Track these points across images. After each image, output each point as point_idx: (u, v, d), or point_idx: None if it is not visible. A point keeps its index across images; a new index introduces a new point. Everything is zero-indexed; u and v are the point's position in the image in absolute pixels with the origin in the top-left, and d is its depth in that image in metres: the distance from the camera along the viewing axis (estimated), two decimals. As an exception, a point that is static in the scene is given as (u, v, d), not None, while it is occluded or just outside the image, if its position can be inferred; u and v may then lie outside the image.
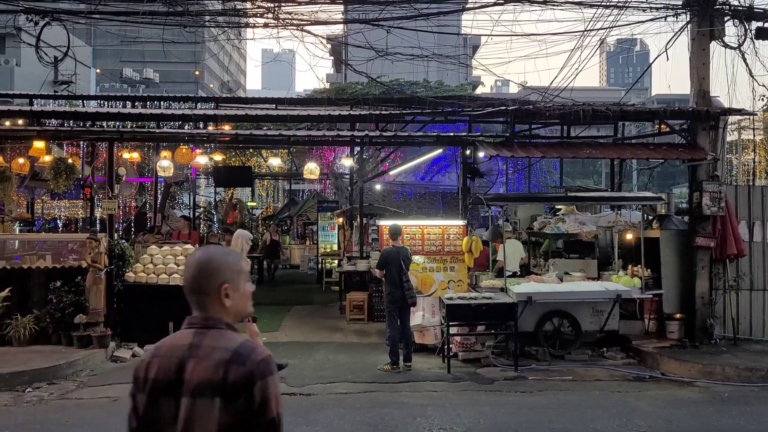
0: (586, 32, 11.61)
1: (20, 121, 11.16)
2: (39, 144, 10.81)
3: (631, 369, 8.96)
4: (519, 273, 11.19)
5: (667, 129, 11.57)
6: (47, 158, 11.16)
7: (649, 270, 10.02)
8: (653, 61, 12.16)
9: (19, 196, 13.86)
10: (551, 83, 12.78)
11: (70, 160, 11.19)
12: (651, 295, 9.95)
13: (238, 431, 1.93)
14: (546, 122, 13.11)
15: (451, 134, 11.82)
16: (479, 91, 40.32)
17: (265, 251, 19.87)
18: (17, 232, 11.86)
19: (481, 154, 11.05)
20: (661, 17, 10.38)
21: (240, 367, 1.97)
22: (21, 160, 11.34)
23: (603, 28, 11.50)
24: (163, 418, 1.96)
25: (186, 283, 2.12)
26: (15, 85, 41.39)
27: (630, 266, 10.27)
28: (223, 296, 2.10)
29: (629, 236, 10.96)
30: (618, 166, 13.25)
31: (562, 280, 10.17)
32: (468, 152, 11.11)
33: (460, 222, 10.80)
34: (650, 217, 11.21)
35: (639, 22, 11.05)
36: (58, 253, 10.86)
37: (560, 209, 12.46)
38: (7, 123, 11.22)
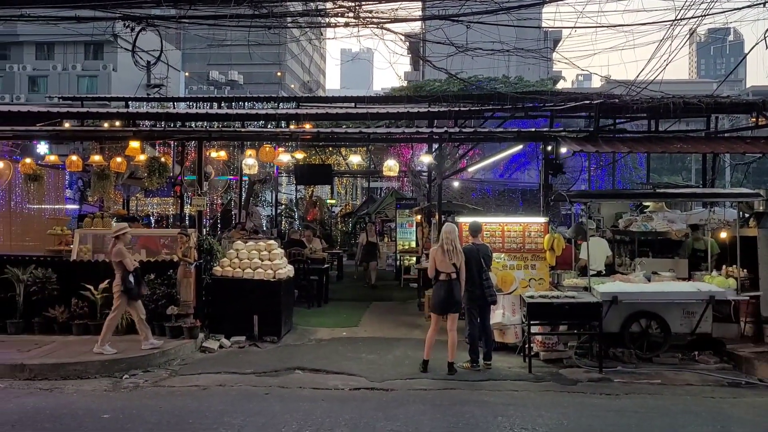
0: (676, 21, 11.14)
1: (117, 123, 11.81)
2: (135, 144, 11.39)
3: (726, 374, 8.51)
4: (604, 272, 10.87)
5: (765, 122, 10.93)
6: (142, 157, 11.75)
7: (745, 270, 9.49)
8: (749, 51, 11.51)
9: (116, 193, 14.66)
10: (637, 76, 12.34)
11: (162, 159, 11.74)
12: (747, 297, 9.40)
13: None
14: (632, 116, 12.67)
15: (533, 130, 11.60)
16: (560, 85, 39.36)
17: (360, 253, 18.79)
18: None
19: (563, 150, 10.79)
20: (760, 3, 9.81)
21: None
22: (119, 159, 11.98)
23: (695, 17, 11.00)
24: None
25: None
26: (112, 89, 43.95)
27: (724, 266, 9.77)
28: None
29: (723, 235, 10.42)
30: (711, 162, 12.63)
31: (649, 280, 9.80)
32: (549, 148, 10.87)
33: (542, 219, 10.58)
34: (746, 215, 10.62)
35: (735, 9, 10.46)
36: (151, 247, 11.44)
37: (648, 206, 12.01)
38: (106, 124, 11.90)
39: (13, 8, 10.59)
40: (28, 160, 12.14)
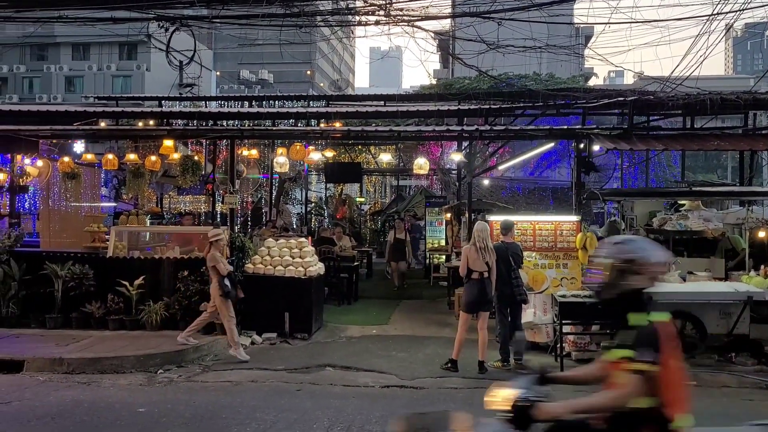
0: (713, 16, 10.90)
1: (151, 122, 12.01)
2: (168, 142, 11.57)
3: (764, 376, 8.33)
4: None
5: (806, 118, 10.65)
6: (175, 156, 11.93)
7: (785, 270, 9.28)
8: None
9: (150, 191, 14.92)
10: (672, 72, 12.12)
11: (196, 158, 11.91)
12: (787, 298, 9.18)
13: None
14: (667, 113, 12.44)
15: (565, 127, 11.48)
16: (592, 82, 38.80)
17: (389, 252, 17.62)
18: (148, 225, 12.73)
19: (596, 148, 10.66)
20: (801, -3, 9.55)
21: None
22: (153, 158, 12.18)
23: (732, 11, 10.76)
24: None
25: None
26: (146, 89, 44.70)
27: (762, 266, 9.56)
28: None
29: (762, 234, 10.19)
30: (748, 159, 12.36)
31: (685, 280, 9.63)
32: (582, 146, 10.74)
33: (574, 218, 10.47)
34: (786, 214, 10.38)
35: (775, 2, 10.19)
36: (185, 244, 11.61)
37: (683, 205, 11.82)
38: (140, 123, 12.12)
39: (51, 9, 10.81)
40: (66, 159, 12.42)
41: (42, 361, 8.32)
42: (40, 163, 12.30)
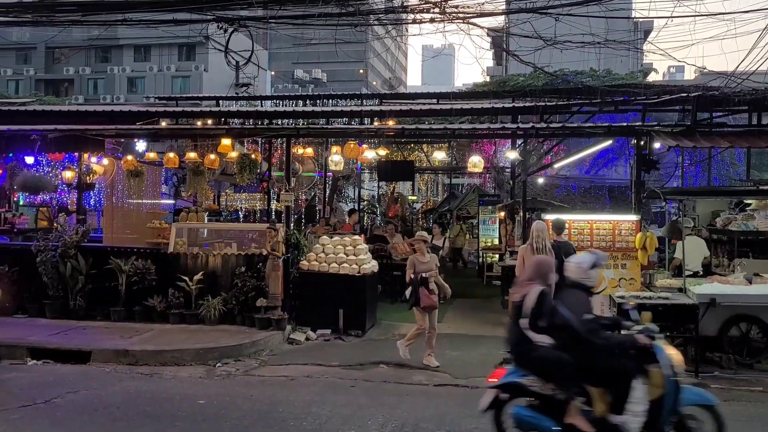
0: (782, 8, 10.44)
1: (209, 121, 12.29)
2: (226, 141, 11.83)
3: (836, 384, 7.96)
4: (701, 273, 10.38)
5: None
6: (233, 154, 12.18)
7: None
8: None
9: (208, 189, 15.27)
10: (737, 67, 11.67)
11: (253, 156, 12.13)
12: None
13: None
14: (732, 109, 12.00)
15: (624, 124, 11.20)
16: (651, 78, 37.69)
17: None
18: (206, 222, 13.02)
19: (657, 145, 10.37)
20: None
21: None
22: (212, 156, 12.46)
23: (804, 2, 10.29)
24: None
25: None
26: (203, 89, 45.86)
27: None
28: None
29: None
30: (820, 157, 11.79)
31: (750, 282, 9.27)
32: (642, 143, 10.47)
33: (633, 217, 10.22)
34: None
35: None
36: (241, 241, 11.84)
37: (749, 204, 11.39)
38: (199, 123, 12.42)
39: (115, 13, 11.18)
40: (129, 157, 12.84)
41: (108, 352, 8.65)
42: (105, 161, 12.75)
